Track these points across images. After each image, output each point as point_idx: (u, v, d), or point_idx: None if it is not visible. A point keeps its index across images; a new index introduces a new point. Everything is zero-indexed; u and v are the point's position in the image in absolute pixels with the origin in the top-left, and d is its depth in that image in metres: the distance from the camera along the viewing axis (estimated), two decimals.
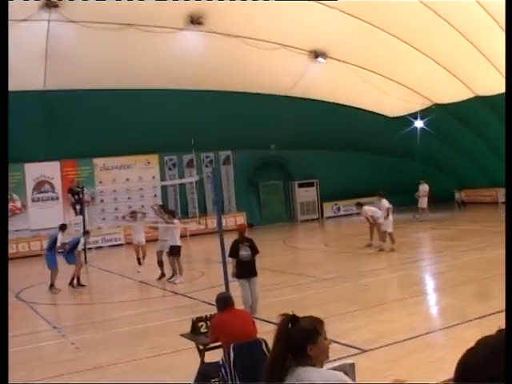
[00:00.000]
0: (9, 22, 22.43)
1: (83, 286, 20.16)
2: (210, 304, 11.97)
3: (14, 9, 22.00)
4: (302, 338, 3.94)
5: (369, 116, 36.98)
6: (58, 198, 33.66)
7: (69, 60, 25.96)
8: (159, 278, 20.30)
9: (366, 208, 24.16)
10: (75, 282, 20.10)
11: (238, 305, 11.17)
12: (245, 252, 12.74)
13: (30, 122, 28.71)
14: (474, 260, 18.56)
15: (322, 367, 4.04)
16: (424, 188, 33.96)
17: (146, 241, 22.83)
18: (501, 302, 11.24)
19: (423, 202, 33.76)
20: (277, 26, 26.74)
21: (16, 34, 23.14)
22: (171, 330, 11.89)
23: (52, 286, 19.43)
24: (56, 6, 22.27)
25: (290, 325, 3.95)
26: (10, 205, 31.70)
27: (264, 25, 26.41)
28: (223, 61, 28.68)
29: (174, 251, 19.41)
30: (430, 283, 17.21)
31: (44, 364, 11.28)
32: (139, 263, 22.38)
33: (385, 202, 22.93)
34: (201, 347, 8.55)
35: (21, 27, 23.01)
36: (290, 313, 4.02)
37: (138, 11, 23.92)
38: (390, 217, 22.70)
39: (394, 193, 33.95)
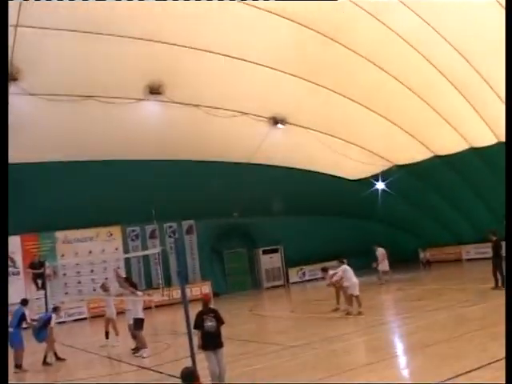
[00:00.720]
0: None
1: (63, 359, 19.66)
2: (176, 377, 11.66)
3: None
4: None
5: (330, 180, 37.24)
6: (18, 273, 33.05)
7: (29, 133, 25.79)
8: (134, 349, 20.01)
9: (331, 272, 24.05)
10: (53, 358, 19.55)
11: (205, 377, 10.91)
12: (210, 323, 12.50)
13: None
14: (442, 319, 18.48)
15: None
16: (381, 252, 33.85)
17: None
18: (473, 361, 11.16)
19: (384, 266, 33.63)
20: (235, 94, 27.00)
21: None
22: None
23: (19, 366, 18.76)
24: (15, 79, 22.22)
25: None
26: None
27: (222, 93, 26.67)
28: (183, 129, 28.76)
29: (138, 324, 19.09)
30: (399, 345, 17.02)
31: None
32: (107, 337, 22.03)
33: (344, 268, 22.87)
34: None
35: None
36: None
37: (98, 83, 24.02)
38: (355, 280, 22.57)
39: (359, 255, 34.06)
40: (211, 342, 12.45)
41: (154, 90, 25.63)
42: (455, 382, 10.62)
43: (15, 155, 27.05)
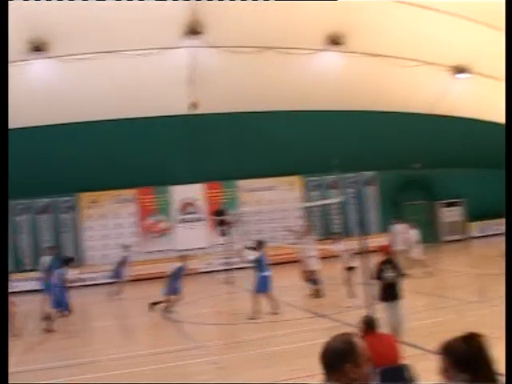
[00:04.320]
0: (153, 51, 23.36)
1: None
2: (353, 326, 11.78)
3: (159, 38, 22.85)
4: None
5: None
6: (202, 220, 34.35)
7: (211, 84, 26.57)
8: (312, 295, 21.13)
9: None
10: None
11: (382, 327, 10.96)
12: (389, 274, 12.47)
13: (175, 146, 29.54)
14: None
15: None
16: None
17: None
18: None
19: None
20: (417, 44, 26.37)
21: (160, 61, 23.99)
22: (312, 353, 11.74)
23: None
24: (198, 32, 22.89)
25: None
26: (157, 226, 32.83)
27: (404, 42, 26.12)
28: (364, 80, 28.51)
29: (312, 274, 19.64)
30: None
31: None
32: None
33: None
34: None
35: (165, 55, 23.80)
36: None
37: (277, 33, 24.22)
38: None
39: None
40: (390, 292, 12.42)
41: (335, 41, 25.53)
42: None
43: (200, 107, 28.09)
